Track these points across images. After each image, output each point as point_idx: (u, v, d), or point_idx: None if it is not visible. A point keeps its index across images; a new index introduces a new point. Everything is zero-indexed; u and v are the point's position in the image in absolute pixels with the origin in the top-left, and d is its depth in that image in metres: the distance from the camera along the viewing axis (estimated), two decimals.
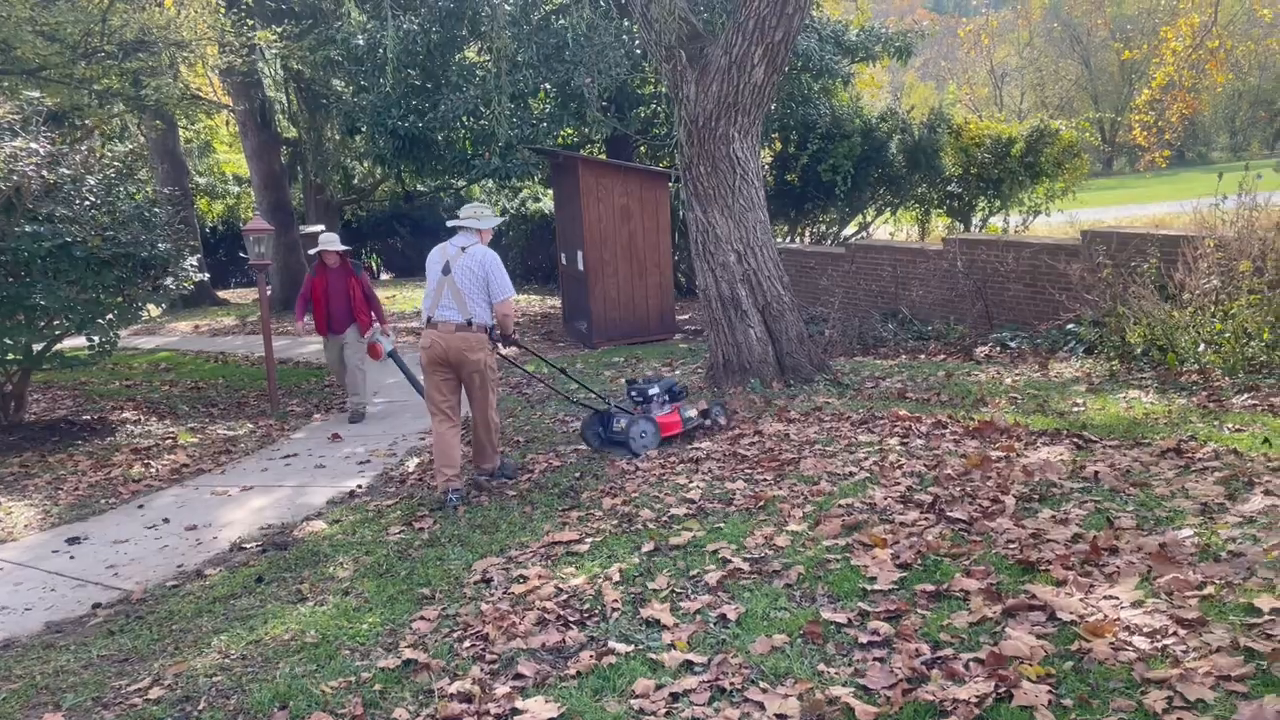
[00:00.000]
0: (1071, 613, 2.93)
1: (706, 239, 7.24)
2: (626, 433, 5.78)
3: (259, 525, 5.45)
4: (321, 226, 15.82)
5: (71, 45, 10.75)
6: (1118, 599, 3.00)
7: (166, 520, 5.63)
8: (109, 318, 7.81)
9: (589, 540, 4.26)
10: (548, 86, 12.38)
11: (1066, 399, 6.10)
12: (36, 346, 7.70)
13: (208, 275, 16.30)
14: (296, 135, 17.63)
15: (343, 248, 8.00)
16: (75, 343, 8.06)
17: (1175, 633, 2.75)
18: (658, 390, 6.02)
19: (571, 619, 3.43)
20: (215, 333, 15.43)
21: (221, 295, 20.57)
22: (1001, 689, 2.56)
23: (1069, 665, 2.67)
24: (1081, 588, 3.12)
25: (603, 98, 12.18)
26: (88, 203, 7.44)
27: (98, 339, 7.68)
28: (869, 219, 17.45)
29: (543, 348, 11.31)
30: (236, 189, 24.34)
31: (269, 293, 9.71)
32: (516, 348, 5.75)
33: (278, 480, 6.41)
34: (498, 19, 11.09)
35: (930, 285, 10.52)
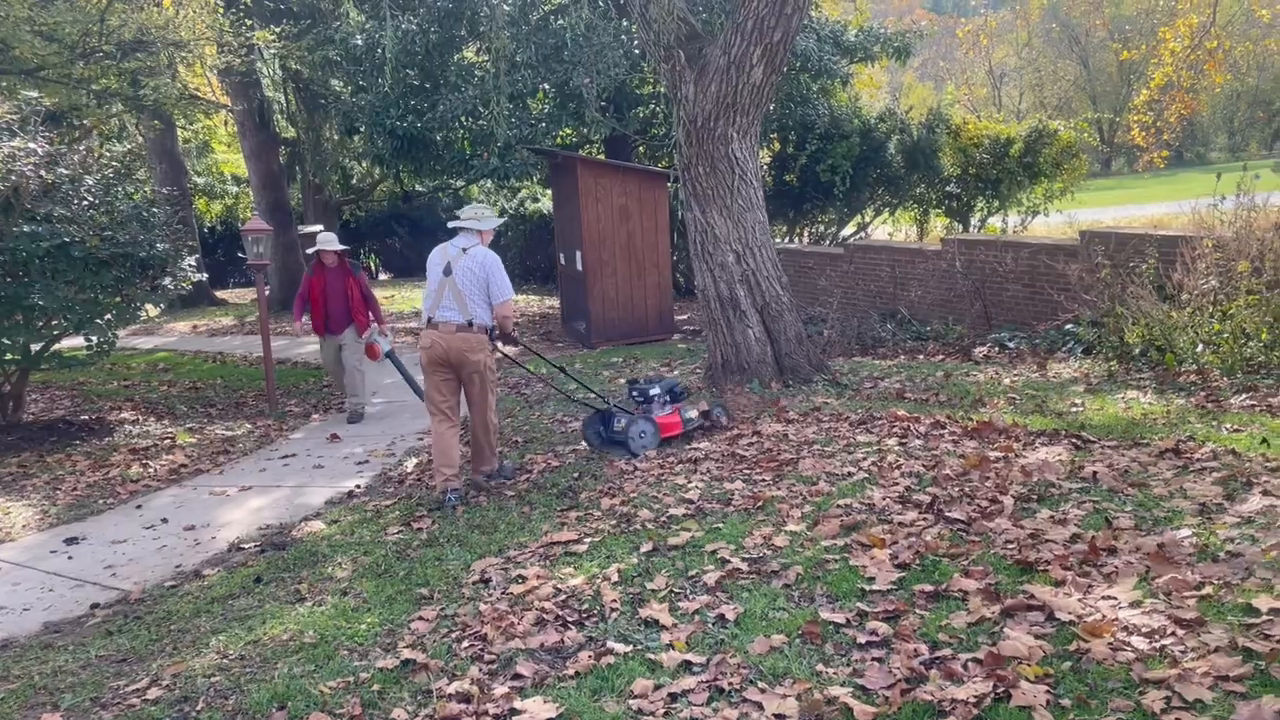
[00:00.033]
0: (1070, 613, 2.93)
1: (705, 239, 7.24)
2: (626, 432, 5.79)
3: (257, 525, 5.45)
4: (320, 226, 15.80)
5: (70, 45, 10.75)
6: (1116, 599, 3.01)
7: (165, 520, 5.63)
8: (107, 318, 7.81)
9: (587, 540, 4.25)
10: (546, 86, 12.37)
11: (1065, 399, 6.10)
12: (35, 346, 7.69)
13: (206, 275, 16.29)
14: (295, 135, 17.62)
15: (340, 247, 7.99)
16: (73, 343, 8.06)
17: (1173, 633, 2.76)
18: (659, 391, 6.02)
19: (570, 619, 3.43)
20: (213, 333, 15.42)
21: (220, 295, 20.56)
22: (1000, 689, 2.56)
23: (1067, 665, 2.67)
24: (1080, 588, 3.12)
25: (601, 98, 12.17)
26: (86, 203, 7.43)
27: (96, 339, 7.68)
28: (867, 219, 17.46)
29: (541, 348, 11.30)
30: (235, 189, 24.32)
31: (267, 293, 9.70)
32: (516, 346, 5.75)
33: (276, 480, 6.41)
34: (496, 19, 11.08)
35: (929, 285, 10.52)
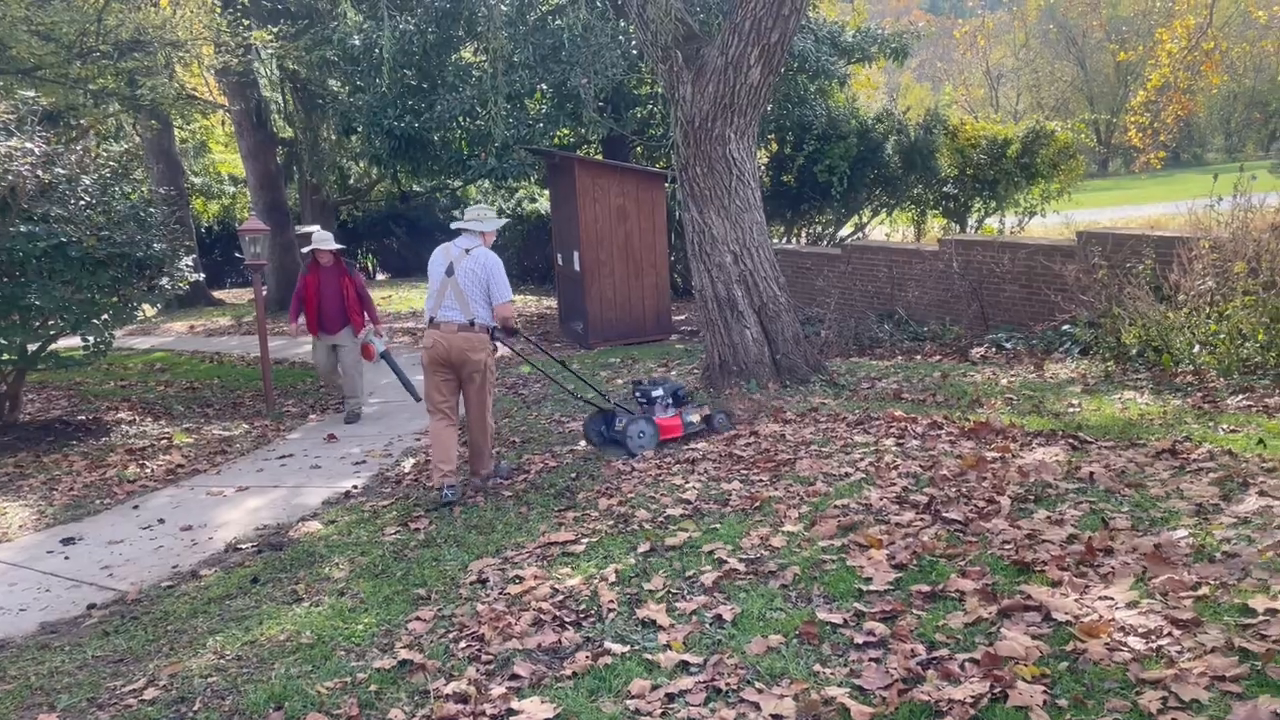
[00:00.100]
0: (1067, 613, 2.93)
1: (703, 240, 7.24)
2: (624, 432, 5.81)
3: (254, 526, 5.44)
4: (317, 226, 15.80)
5: (67, 45, 10.73)
6: (1113, 599, 3.01)
7: (161, 521, 5.62)
8: (104, 318, 7.79)
9: (585, 541, 4.25)
10: (544, 87, 12.37)
11: (1062, 400, 6.11)
12: (31, 347, 7.68)
13: (203, 275, 16.24)
14: (292, 135, 17.61)
15: (336, 246, 7.98)
16: (70, 343, 8.04)
17: (1170, 633, 2.76)
18: (661, 393, 6.07)
19: (567, 619, 3.43)
20: (210, 333, 15.40)
21: (217, 295, 20.54)
22: (997, 689, 2.57)
23: (1064, 666, 2.67)
24: (1077, 588, 3.12)
25: (599, 98, 12.17)
26: (83, 203, 7.42)
27: (93, 339, 7.66)
28: (865, 220, 17.46)
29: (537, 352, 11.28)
30: (232, 189, 24.30)
31: (264, 293, 9.69)
32: (518, 340, 5.78)
33: (273, 481, 6.40)
34: (494, 19, 11.07)
35: (926, 286, 10.53)
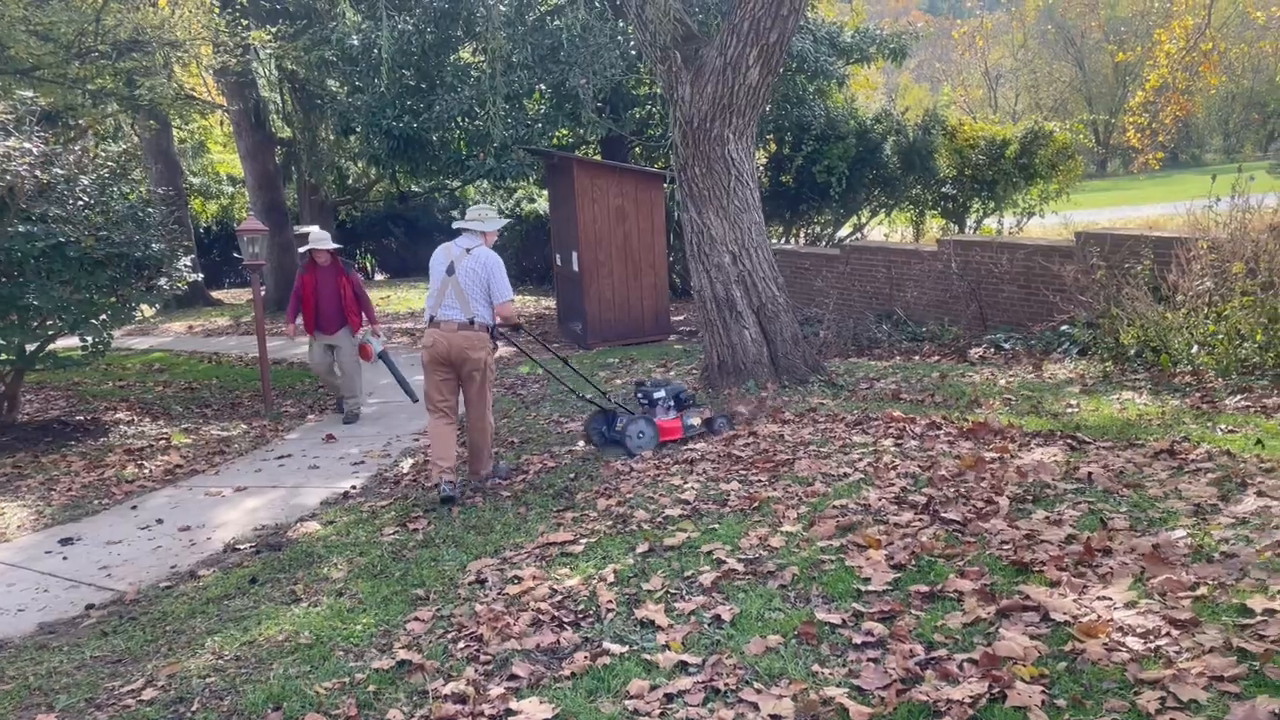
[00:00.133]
0: (1065, 613, 2.94)
1: (701, 240, 7.24)
2: (624, 431, 5.81)
3: (253, 526, 5.44)
4: (315, 226, 15.79)
5: (65, 45, 10.72)
6: (1111, 600, 3.01)
7: (160, 521, 5.62)
8: (102, 318, 7.79)
9: (584, 541, 4.25)
10: (543, 87, 12.37)
11: (1060, 400, 6.11)
12: (30, 347, 7.67)
13: (202, 276, 16.24)
14: (291, 135, 17.60)
15: (333, 246, 7.98)
16: (69, 343, 8.04)
17: (1168, 633, 2.76)
18: (663, 394, 6.08)
19: (566, 620, 3.43)
20: (209, 333, 15.39)
21: (215, 296, 20.51)
22: (995, 689, 2.57)
23: (1062, 666, 2.67)
24: (1075, 589, 3.12)
25: (598, 98, 12.18)
26: (81, 203, 7.42)
27: (91, 339, 7.66)
28: (864, 220, 17.47)
29: (538, 349, 11.28)
30: (231, 189, 24.28)
31: (263, 293, 9.69)
32: (520, 333, 5.79)
33: (272, 481, 6.40)
34: (493, 20, 11.07)
35: (925, 286, 10.54)
